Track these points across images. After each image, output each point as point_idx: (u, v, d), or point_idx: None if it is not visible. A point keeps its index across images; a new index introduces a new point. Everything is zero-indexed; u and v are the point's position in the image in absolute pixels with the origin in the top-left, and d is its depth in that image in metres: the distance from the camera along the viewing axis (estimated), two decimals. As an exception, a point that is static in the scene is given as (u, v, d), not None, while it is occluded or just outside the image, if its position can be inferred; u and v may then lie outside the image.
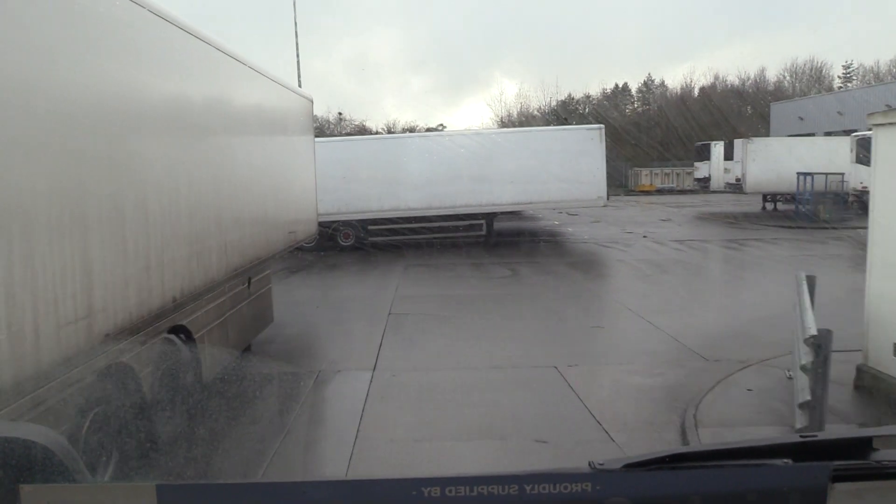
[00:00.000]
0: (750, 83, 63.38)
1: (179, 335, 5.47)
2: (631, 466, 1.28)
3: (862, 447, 1.40)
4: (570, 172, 19.10)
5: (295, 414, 6.39)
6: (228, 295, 6.61)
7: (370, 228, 19.25)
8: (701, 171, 35.60)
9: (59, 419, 3.65)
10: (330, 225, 18.86)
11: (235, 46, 7.11)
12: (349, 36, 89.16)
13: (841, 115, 38.88)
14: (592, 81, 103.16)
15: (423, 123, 57.98)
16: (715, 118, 52.00)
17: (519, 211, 23.14)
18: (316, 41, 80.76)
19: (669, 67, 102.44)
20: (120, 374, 4.42)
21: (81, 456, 3.78)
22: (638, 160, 50.56)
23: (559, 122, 52.62)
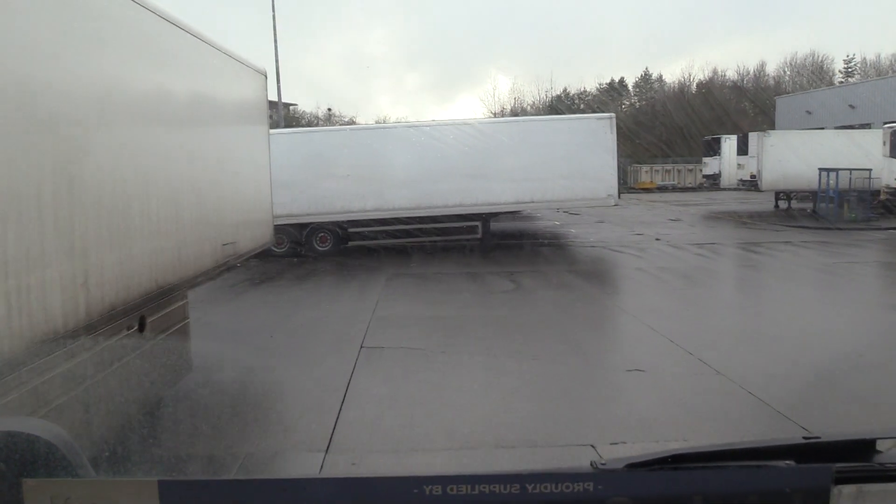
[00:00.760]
0: (749, 78, 61.68)
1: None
2: (633, 466, 1.26)
3: (865, 449, 1.39)
4: (576, 167, 16.76)
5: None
6: (92, 352, 4.24)
7: (351, 231, 16.85)
8: (710, 167, 33.30)
9: None
10: (304, 228, 16.53)
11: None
12: (341, 32, 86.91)
13: (853, 108, 36.90)
14: (588, 76, 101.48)
15: (415, 120, 55.74)
16: (716, 113, 50.38)
17: (517, 211, 20.74)
18: (307, 37, 78.39)
19: (667, 62, 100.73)
20: None
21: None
22: (637, 156, 48.78)
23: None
